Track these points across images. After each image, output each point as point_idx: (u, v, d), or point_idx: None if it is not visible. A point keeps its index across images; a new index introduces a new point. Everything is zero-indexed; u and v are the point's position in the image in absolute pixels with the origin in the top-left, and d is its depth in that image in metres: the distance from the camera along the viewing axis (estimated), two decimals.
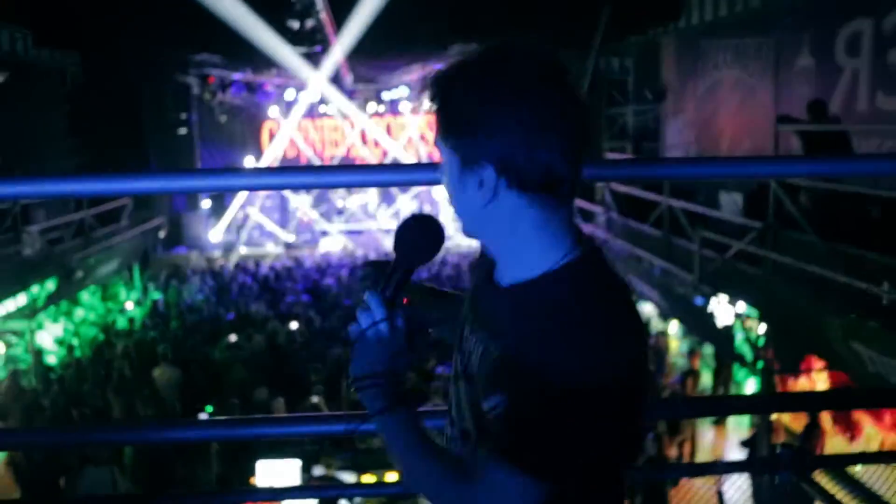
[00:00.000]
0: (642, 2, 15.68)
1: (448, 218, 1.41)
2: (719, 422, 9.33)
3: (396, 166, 3.38)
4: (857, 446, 6.72)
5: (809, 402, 2.93)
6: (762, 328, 7.54)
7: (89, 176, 1.76)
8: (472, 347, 1.27)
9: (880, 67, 9.59)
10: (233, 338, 10.72)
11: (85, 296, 13.56)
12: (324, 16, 15.60)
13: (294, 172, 1.97)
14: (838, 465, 2.24)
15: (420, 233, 1.31)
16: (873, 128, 8.78)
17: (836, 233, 5.86)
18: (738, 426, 8.87)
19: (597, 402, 1.09)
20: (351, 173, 2.00)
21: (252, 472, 6.65)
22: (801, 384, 7.57)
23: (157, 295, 14.17)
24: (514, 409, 1.14)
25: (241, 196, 21.55)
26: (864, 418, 6.77)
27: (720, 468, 4.25)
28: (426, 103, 1.24)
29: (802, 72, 11.43)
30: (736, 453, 8.28)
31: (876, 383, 4.87)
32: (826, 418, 6.99)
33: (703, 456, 8.20)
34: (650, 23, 16.82)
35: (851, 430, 6.99)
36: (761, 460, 2.11)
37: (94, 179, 1.76)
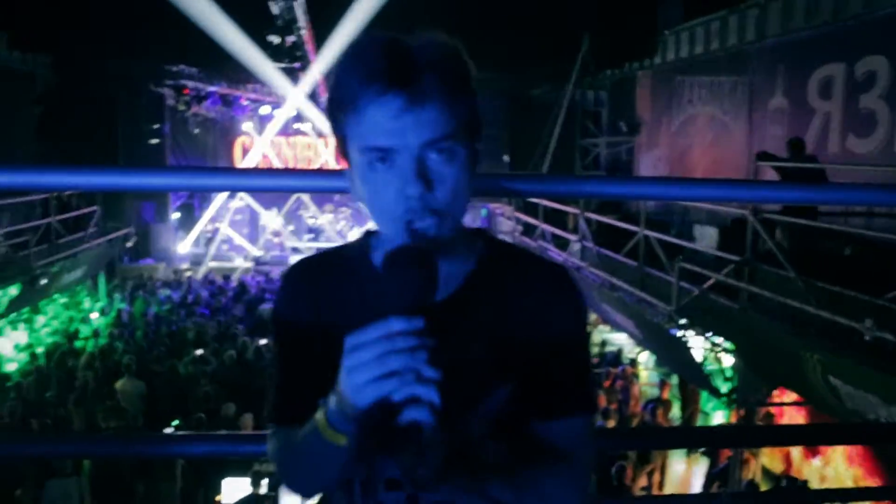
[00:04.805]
0: (619, 37, 15.95)
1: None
2: (690, 452, 9.35)
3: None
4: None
5: (783, 437, 2.92)
6: (736, 360, 7.59)
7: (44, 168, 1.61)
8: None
9: (852, 111, 9.84)
10: (199, 352, 10.52)
11: (48, 303, 13.25)
12: (305, 33, 15.58)
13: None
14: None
15: (410, 270, 0.99)
16: (844, 168, 8.99)
17: (813, 269, 5.94)
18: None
19: None
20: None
21: (218, 490, 6.50)
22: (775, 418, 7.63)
23: (122, 305, 13.89)
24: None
25: (211, 209, 21.35)
26: None
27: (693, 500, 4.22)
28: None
29: (776, 112, 11.69)
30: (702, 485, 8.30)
31: (853, 419, 4.91)
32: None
33: (672, 486, 8.18)
34: (626, 57, 17.15)
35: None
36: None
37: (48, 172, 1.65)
